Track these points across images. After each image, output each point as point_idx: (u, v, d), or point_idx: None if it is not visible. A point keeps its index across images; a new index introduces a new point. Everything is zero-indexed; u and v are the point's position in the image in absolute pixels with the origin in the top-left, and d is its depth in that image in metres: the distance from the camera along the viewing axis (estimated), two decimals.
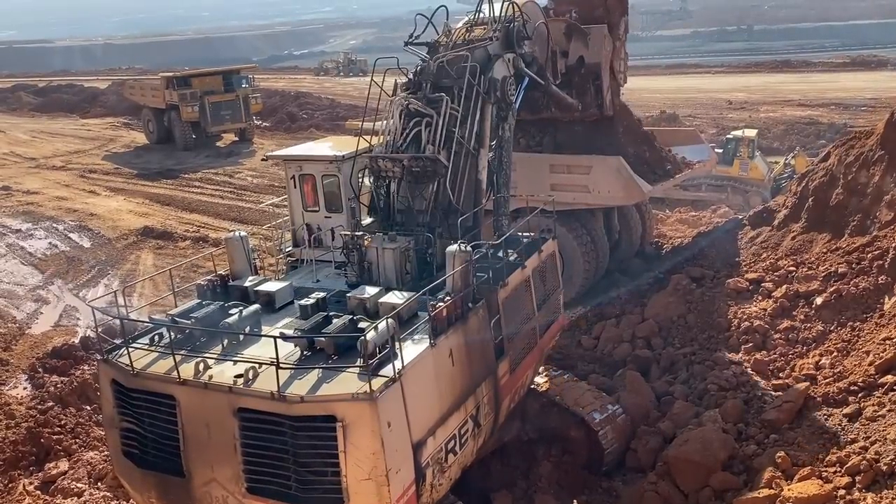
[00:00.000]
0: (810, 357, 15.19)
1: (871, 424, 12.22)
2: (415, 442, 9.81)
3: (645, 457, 14.34)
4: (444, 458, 10.57)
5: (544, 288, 14.23)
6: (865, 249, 16.48)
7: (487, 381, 11.81)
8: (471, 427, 11.34)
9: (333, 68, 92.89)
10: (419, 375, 9.97)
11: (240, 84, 49.70)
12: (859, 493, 11.08)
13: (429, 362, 10.26)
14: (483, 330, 11.68)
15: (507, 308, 12.36)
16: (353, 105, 58.41)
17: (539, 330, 13.88)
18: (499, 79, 14.15)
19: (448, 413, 10.63)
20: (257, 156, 46.54)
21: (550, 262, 14.59)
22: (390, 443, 9.31)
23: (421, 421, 9.99)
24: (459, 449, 11.02)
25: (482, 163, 13.98)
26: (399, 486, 9.51)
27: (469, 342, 11.24)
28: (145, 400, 10.53)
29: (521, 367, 13.15)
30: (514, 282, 12.80)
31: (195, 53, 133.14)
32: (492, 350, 11.96)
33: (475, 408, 11.44)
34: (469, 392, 11.23)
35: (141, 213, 34.85)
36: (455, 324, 10.94)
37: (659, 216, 27.64)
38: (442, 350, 10.56)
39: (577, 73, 19.05)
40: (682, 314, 17.97)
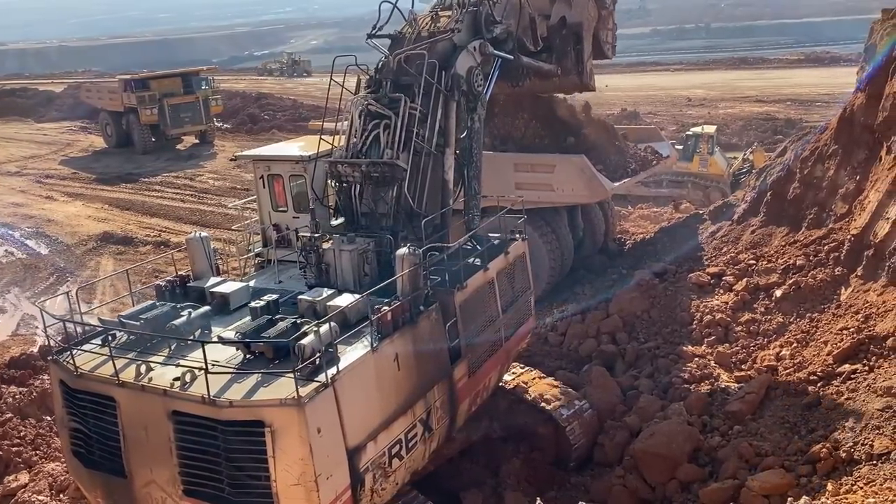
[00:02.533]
0: (771, 348, 15.47)
1: (830, 413, 12.49)
2: (351, 447, 9.84)
3: (612, 451, 14.47)
4: (388, 463, 10.60)
5: (513, 290, 14.10)
6: (822, 242, 16.84)
7: (441, 384, 11.74)
8: (420, 431, 11.28)
9: (277, 69, 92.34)
10: (357, 381, 9.98)
11: (199, 86, 49.13)
12: (820, 480, 11.31)
13: (368, 367, 10.22)
14: (436, 333, 11.61)
15: (465, 311, 12.27)
16: (317, 106, 58.03)
17: (506, 332, 13.77)
18: (462, 74, 13.73)
19: (392, 418, 10.61)
20: (218, 158, 46.03)
21: (520, 264, 14.39)
22: (320, 449, 9.31)
23: (358, 426, 9.99)
24: (407, 453, 11.00)
25: (448, 162, 13.72)
26: (331, 491, 9.53)
27: (419, 346, 11.17)
28: (89, 401, 10.61)
29: (483, 369, 13.12)
30: (475, 284, 12.67)
31: (153, 55, 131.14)
32: (446, 353, 11.87)
33: (426, 412, 11.36)
34: (418, 396, 11.17)
35: (100, 218, 34.23)
36: (402, 328, 10.91)
37: (621, 213, 27.95)
38: (385, 355, 10.52)
39: (559, 34, 18.42)
40: (645, 309, 18.18)
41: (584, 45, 18.63)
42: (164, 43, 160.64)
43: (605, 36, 19.76)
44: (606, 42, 19.95)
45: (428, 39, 13.77)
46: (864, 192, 16.35)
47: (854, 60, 39.56)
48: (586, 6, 18.61)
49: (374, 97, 13.44)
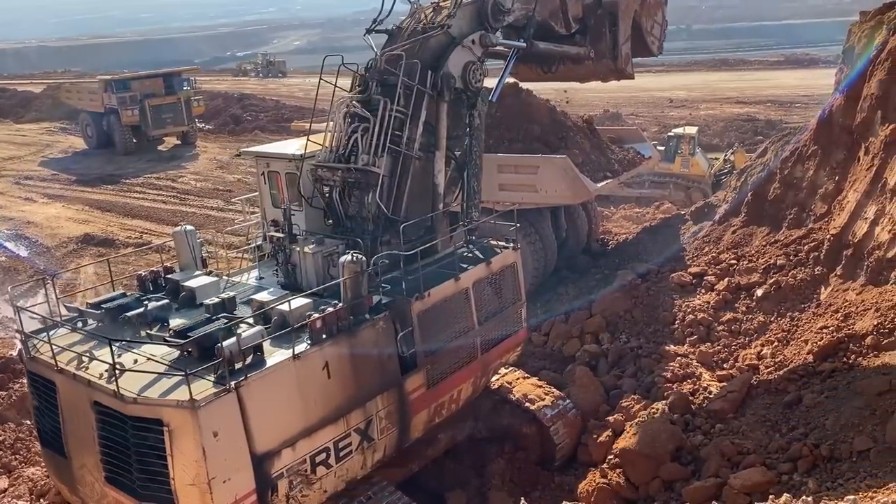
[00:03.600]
0: (752, 347, 15.59)
1: (811, 411, 12.61)
2: (260, 452, 9.96)
3: (596, 451, 14.53)
4: (311, 471, 10.71)
5: (499, 300, 13.84)
6: (802, 242, 17.00)
7: (386, 394, 11.70)
8: (356, 441, 11.36)
9: (252, 70, 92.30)
10: (270, 387, 10.05)
11: (181, 86, 48.80)
12: (801, 477, 11.42)
13: (287, 374, 10.28)
14: (382, 342, 11.56)
15: (426, 321, 12.14)
16: (299, 106, 57.87)
17: (483, 344, 13.55)
18: (455, 71, 13.45)
19: (317, 426, 10.69)
20: (200, 159, 45.76)
21: (509, 273, 14.07)
22: (214, 452, 9.43)
23: (271, 432, 10.10)
24: (337, 462, 11.09)
25: (438, 165, 13.54)
26: (228, 494, 9.68)
27: (357, 354, 11.18)
28: (40, 383, 11.27)
29: (450, 381, 12.95)
30: (441, 294, 12.49)
31: (134, 56, 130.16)
32: (395, 363, 11.81)
33: (364, 422, 11.41)
34: (353, 406, 11.19)
35: (81, 220, 33.91)
36: (337, 336, 10.90)
37: (604, 213, 28.08)
38: (310, 362, 10.55)
39: (594, 14, 17.06)
40: (628, 309, 18.27)
41: (619, 27, 17.23)
42: (146, 43, 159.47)
43: (649, 26, 18.34)
44: (651, 34, 18.51)
45: (418, 36, 13.48)
46: (843, 193, 16.53)
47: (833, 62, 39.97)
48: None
49: (358, 98, 13.31)
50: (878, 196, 15.00)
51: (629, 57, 17.83)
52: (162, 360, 10.17)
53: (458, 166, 14.18)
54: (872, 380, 12.14)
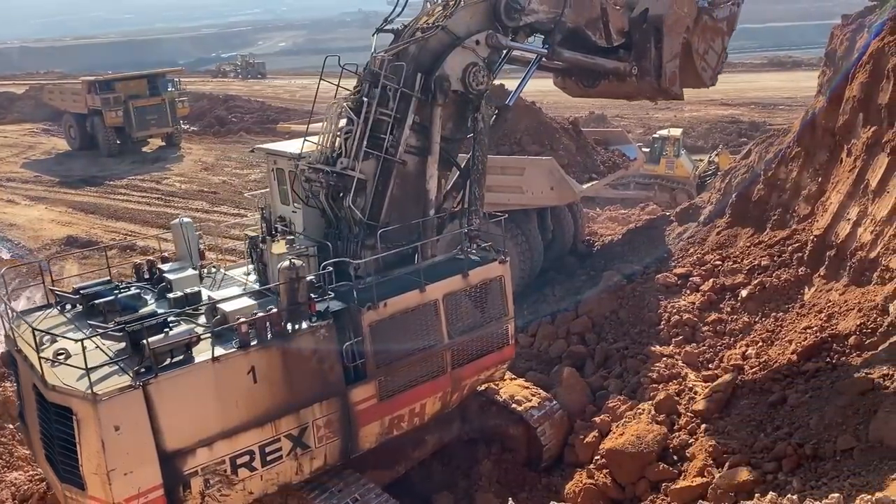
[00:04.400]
0: (737, 348, 15.68)
1: (795, 411, 12.69)
2: (171, 449, 10.24)
3: (582, 451, 14.56)
4: (232, 472, 10.89)
5: (481, 314, 13.44)
6: (786, 242, 17.13)
7: (326, 403, 11.67)
8: (288, 447, 11.43)
9: (231, 71, 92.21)
10: (184, 387, 10.25)
11: (165, 87, 48.59)
12: (785, 477, 11.49)
13: (204, 376, 10.42)
14: (323, 350, 11.48)
15: (380, 331, 11.98)
16: (285, 108, 57.73)
17: (455, 359, 13.19)
18: (453, 73, 13.05)
19: (239, 428, 10.82)
20: (185, 161, 45.54)
21: (494, 287, 13.57)
22: (114, 445, 9.78)
23: (184, 431, 10.34)
24: (263, 466, 11.20)
25: (430, 170, 13.27)
26: (130, 487, 10.02)
27: (292, 361, 11.17)
28: (11, 359, 12.18)
29: (409, 395, 12.74)
30: (402, 304, 12.25)
31: (118, 57, 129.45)
32: (338, 372, 11.72)
33: (297, 429, 11.45)
34: (283, 412, 11.23)
35: (64, 222, 33.65)
36: (268, 341, 10.92)
37: (590, 215, 28.17)
38: (234, 365, 10.64)
39: (639, 28, 15.79)
40: (614, 310, 18.33)
41: (664, 43, 15.90)
42: (130, 44, 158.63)
43: (702, 50, 16.67)
44: (703, 59, 16.78)
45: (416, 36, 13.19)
46: (826, 194, 16.68)
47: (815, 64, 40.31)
48: (677, 1, 15.89)
49: (352, 100, 13.22)
50: (861, 197, 15.14)
51: (676, 76, 16.30)
52: (107, 349, 10.66)
53: (460, 171, 13.91)
54: (855, 379, 12.24)
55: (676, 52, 16.17)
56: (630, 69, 15.82)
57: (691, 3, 16.16)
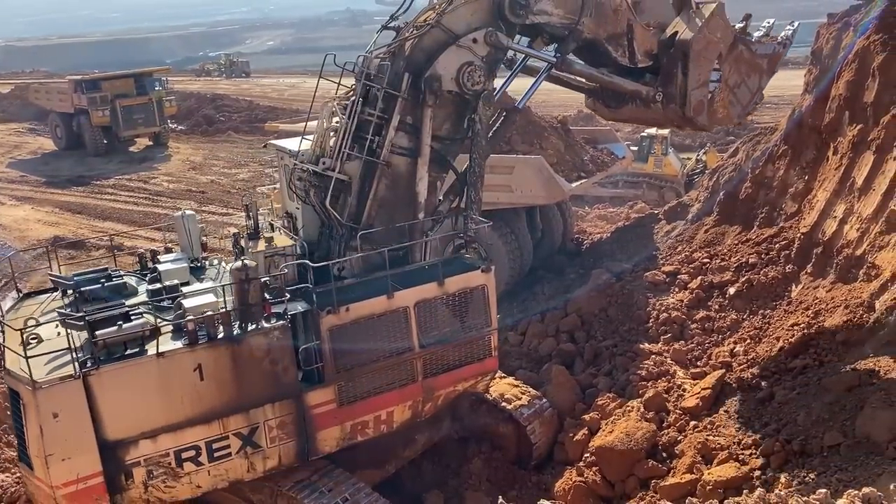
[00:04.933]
0: (725, 345, 15.76)
1: (783, 407, 12.77)
2: (112, 439, 10.68)
3: (572, 449, 14.61)
4: (177, 465, 11.19)
5: (460, 323, 13.09)
6: (773, 240, 17.23)
7: (279, 405, 11.73)
8: (237, 445, 11.58)
9: (215, 70, 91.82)
10: (126, 380, 10.62)
11: (153, 87, 48.24)
12: (773, 473, 11.56)
13: (148, 370, 10.71)
14: (276, 352, 11.50)
15: (341, 336, 11.93)
16: (273, 107, 57.49)
17: (428, 368, 12.96)
18: (445, 73, 12.64)
19: (184, 424, 11.08)
20: (173, 160, 45.29)
21: (476, 297, 13.13)
22: (53, 432, 10.28)
23: (126, 422, 10.75)
24: (210, 462, 11.44)
25: (420, 172, 12.99)
26: (67, 472, 10.49)
27: (241, 361, 11.26)
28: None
29: (374, 401, 12.61)
30: (367, 310, 12.12)
31: (105, 56, 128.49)
32: (291, 375, 11.75)
33: (247, 428, 11.59)
34: (231, 410, 11.38)
35: (50, 222, 33.40)
36: (216, 340, 11.03)
37: (579, 213, 28.24)
38: (180, 362, 10.86)
39: (666, 52, 14.78)
40: (603, 308, 18.39)
41: (690, 70, 14.69)
42: (117, 43, 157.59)
43: (733, 82, 15.26)
44: (734, 93, 15.39)
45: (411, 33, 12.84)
46: (812, 192, 16.79)
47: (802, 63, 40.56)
48: (709, 25, 14.58)
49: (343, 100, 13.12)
50: (847, 195, 15.25)
51: (703, 106, 15.02)
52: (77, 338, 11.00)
53: (456, 173, 13.60)
54: (842, 375, 12.34)
55: (704, 80, 15.02)
56: (654, 94, 14.78)
57: (726, 29, 14.99)
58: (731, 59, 15.09)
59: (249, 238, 13.55)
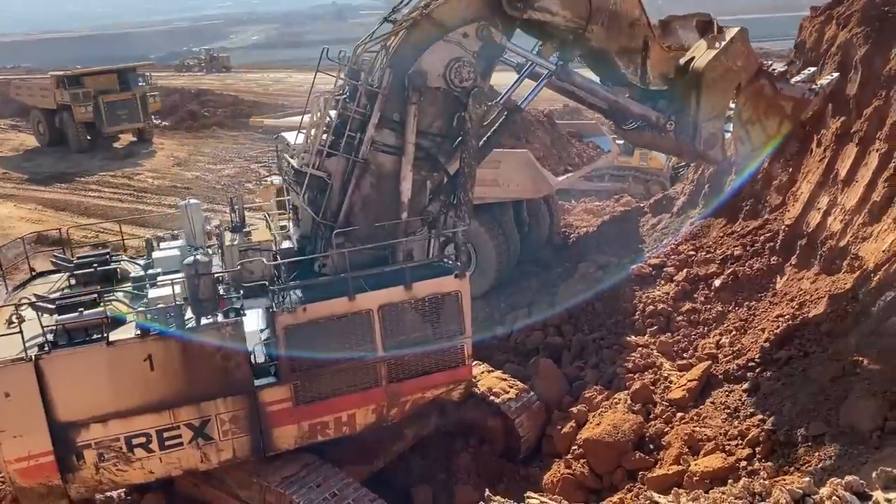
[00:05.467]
0: (711, 337, 15.85)
1: (768, 398, 12.89)
2: (64, 420, 11.13)
3: (560, 442, 14.66)
4: (128, 450, 11.56)
5: (432, 330, 12.69)
6: (758, 232, 17.32)
7: (231, 400, 11.82)
8: (188, 435, 11.76)
9: (195, 65, 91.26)
10: (75, 365, 11.06)
11: (136, 82, 47.90)
12: (759, 463, 11.67)
13: (97, 358, 11.10)
14: (228, 347, 11.56)
15: (298, 335, 11.84)
16: (258, 102, 57.24)
17: (392, 373, 12.67)
18: (430, 70, 12.20)
19: (134, 411, 11.42)
20: (157, 156, 45.02)
21: (448, 303, 12.65)
22: (5, 410, 10.86)
23: (76, 405, 11.19)
24: (161, 449, 11.70)
25: (403, 171, 12.60)
26: (18, 448, 11.06)
27: (192, 354, 11.42)
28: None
29: (334, 403, 12.51)
30: (327, 310, 11.98)
31: (87, 51, 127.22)
32: (246, 372, 11.80)
33: (198, 420, 11.74)
34: (182, 401, 11.58)
35: (33, 219, 33.12)
36: (167, 333, 11.24)
37: (565, 207, 28.29)
38: (129, 351, 11.13)
39: (682, 78, 13.77)
40: (589, 301, 18.45)
41: (702, 99, 13.49)
42: (100, 38, 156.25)
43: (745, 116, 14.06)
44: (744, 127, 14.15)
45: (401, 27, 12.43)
46: (796, 184, 16.88)
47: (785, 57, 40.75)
48: (728, 51, 13.43)
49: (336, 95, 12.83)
50: (830, 187, 15.36)
51: (715, 139, 13.80)
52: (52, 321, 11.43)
53: (446, 173, 13.20)
54: (826, 366, 12.45)
55: (720, 112, 13.76)
56: (666, 122, 13.72)
57: (748, 57, 13.74)
58: (749, 91, 13.87)
59: (233, 231, 13.51)
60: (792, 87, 14.60)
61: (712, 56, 13.34)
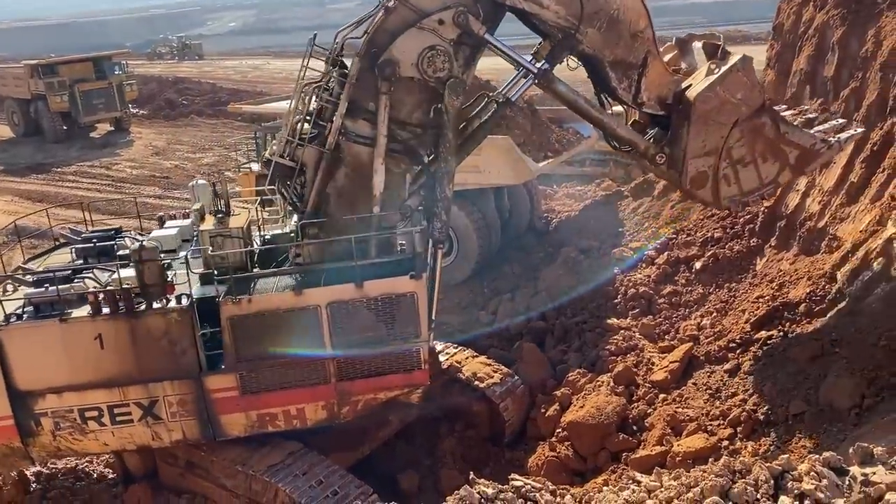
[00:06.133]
0: (692, 319, 16.00)
1: (749, 378, 13.04)
2: (21, 389, 11.86)
3: (544, 425, 14.77)
4: (82, 422, 12.08)
5: (386, 331, 12.24)
6: (738, 214, 17.46)
7: (178, 384, 12.07)
8: (138, 413, 12.16)
9: (167, 53, 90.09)
10: (33, 338, 11.71)
11: (112, 71, 47.27)
12: (741, 442, 11.82)
13: (51, 333, 11.66)
14: (174, 333, 11.81)
15: (244, 326, 11.92)
16: (236, 89, 56.69)
17: (343, 371, 12.37)
18: (402, 59, 11.68)
19: (86, 386, 11.94)
20: (135, 146, 44.53)
21: (404, 305, 12.14)
22: None
23: (33, 375, 11.85)
24: (113, 424, 12.20)
25: (375, 163, 12.16)
26: None
27: (139, 337, 11.80)
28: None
29: (281, 396, 12.42)
30: (272, 303, 11.91)
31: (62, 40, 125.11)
32: (192, 358, 11.94)
33: (147, 399, 12.10)
34: (131, 381, 11.98)
35: (10, 211, 32.65)
36: (117, 314, 11.65)
37: (547, 192, 28.33)
38: (81, 329, 11.68)
39: (676, 107, 12.60)
40: (572, 285, 18.54)
41: (690, 133, 12.31)
42: (74, 26, 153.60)
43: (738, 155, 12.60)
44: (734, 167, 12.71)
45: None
46: None
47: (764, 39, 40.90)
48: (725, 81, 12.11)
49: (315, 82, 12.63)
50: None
51: (705, 178, 12.60)
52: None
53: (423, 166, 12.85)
54: (805, 345, 12.60)
55: (711, 149, 12.41)
56: (656, 153, 12.69)
57: (750, 90, 12.26)
58: (747, 126, 12.38)
59: (211, 216, 13.38)
60: (801, 134, 12.85)
61: (706, 85, 12.11)
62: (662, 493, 6.37)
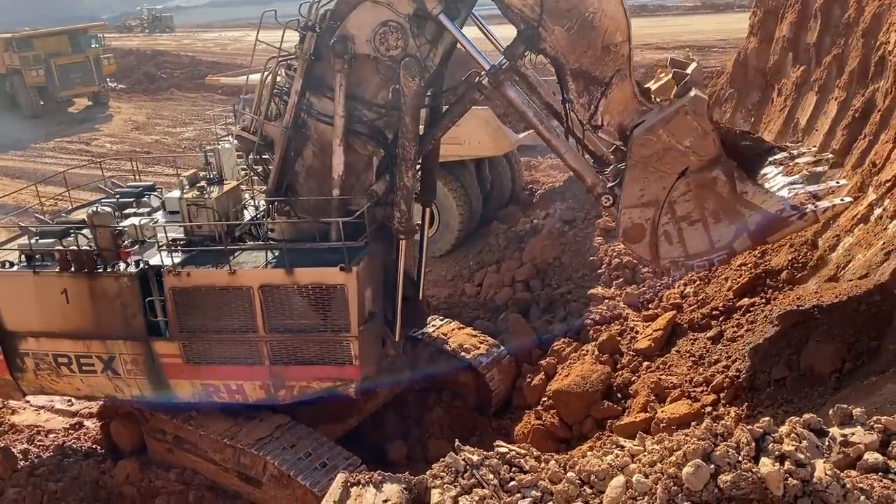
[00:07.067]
0: (676, 287, 16.11)
1: (732, 345, 13.17)
2: (8, 329, 13.16)
3: (530, 394, 14.90)
4: (56, 365, 13.18)
5: (319, 320, 11.99)
6: None
7: (130, 343, 12.77)
8: (100, 365, 13.06)
9: (137, 26, 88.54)
10: (11, 285, 12.96)
11: (89, 44, 46.56)
12: (724, 408, 11.97)
13: (26, 282, 12.73)
14: (125, 297, 12.50)
15: (184, 298, 12.19)
16: (216, 62, 55.90)
17: (276, 356, 12.35)
18: (356, 35, 11.09)
19: (57, 334, 12.97)
20: (115, 120, 43.97)
21: (333, 296, 11.79)
22: None
23: (17, 318, 13.07)
24: (80, 372, 13.18)
25: (333, 145, 11.67)
26: None
27: (97, 297, 12.60)
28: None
29: (221, 370, 12.65)
30: (208, 279, 12.05)
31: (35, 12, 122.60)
32: (140, 322, 12.57)
33: (106, 354, 12.96)
34: (92, 335, 12.84)
35: None
36: (80, 272, 12.44)
37: (531, 163, 28.28)
38: (49, 282, 12.60)
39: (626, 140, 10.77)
40: (556, 256, 18.61)
41: (626, 180, 10.72)
42: None
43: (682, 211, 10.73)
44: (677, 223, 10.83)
45: None
46: (758, 133, 17.07)
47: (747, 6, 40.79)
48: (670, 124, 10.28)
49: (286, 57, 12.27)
50: (791, 136, 15.56)
51: (641, 232, 10.89)
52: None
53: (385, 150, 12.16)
54: (787, 312, 12.72)
55: (649, 201, 10.66)
56: (602, 191, 11.12)
57: (701, 138, 10.26)
58: (696, 179, 10.45)
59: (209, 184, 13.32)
60: (765, 196, 10.63)
61: (647, 127, 10.34)
62: (646, 456, 6.45)
